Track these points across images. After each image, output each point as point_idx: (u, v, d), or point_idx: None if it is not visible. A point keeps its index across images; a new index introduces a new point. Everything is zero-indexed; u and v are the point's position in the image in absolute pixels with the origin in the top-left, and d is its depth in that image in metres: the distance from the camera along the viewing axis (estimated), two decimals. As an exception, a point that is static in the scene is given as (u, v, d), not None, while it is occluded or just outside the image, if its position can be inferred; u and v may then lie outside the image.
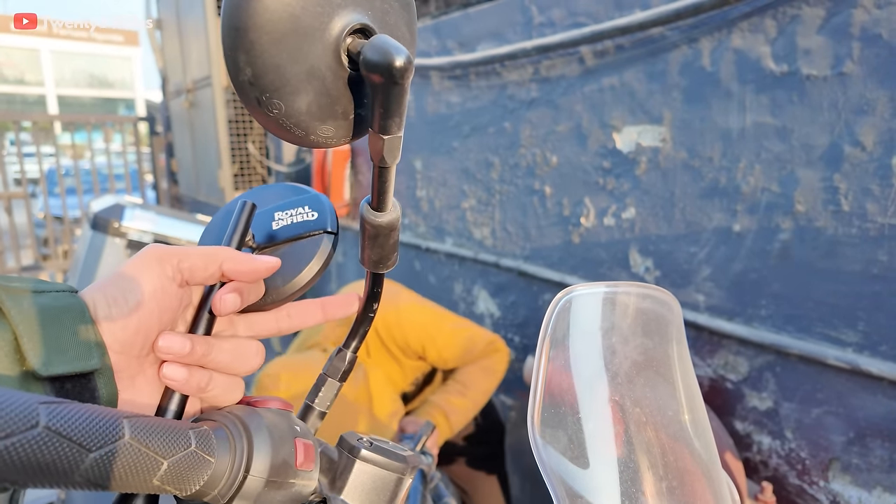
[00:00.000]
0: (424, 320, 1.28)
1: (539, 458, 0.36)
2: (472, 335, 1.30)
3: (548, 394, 0.39)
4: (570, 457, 0.38)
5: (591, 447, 0.39)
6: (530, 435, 0.37)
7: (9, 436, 0.24)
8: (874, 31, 1.00)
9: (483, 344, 1.29)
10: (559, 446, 0.38)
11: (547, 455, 0.37)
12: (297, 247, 0.42)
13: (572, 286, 0.43)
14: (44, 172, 7.21)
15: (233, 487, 0.33)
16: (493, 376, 1.25)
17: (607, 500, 0.38)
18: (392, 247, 0.39)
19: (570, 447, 0.38)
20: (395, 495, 0.41)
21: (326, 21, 0.29)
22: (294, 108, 0.30)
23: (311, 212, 0.43)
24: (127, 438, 0.29)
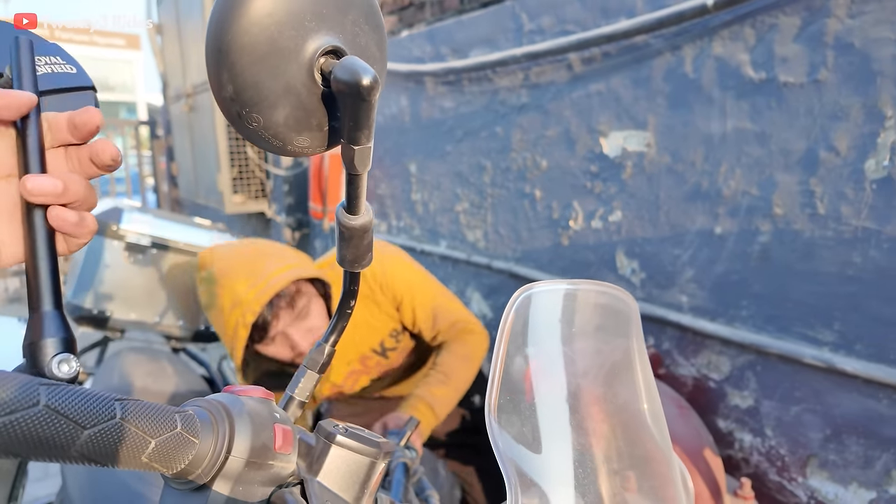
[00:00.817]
0: (412, 274, 1.30)
1: (494, 443, 0.39)
2: (450, 306, 1.30)
3: (505, 382, 0.42)
4: (524, 443, 0.41)
5: (545, 434, 0.42)
6: (487, 421, 0.40)
7: (12, 412, 0.27)
8: (847, 40, 1.03)
9: (458, 317, 1.29)
10: (514, 432, 0.41)
11: (502, 441, 0.40)
12: (69, 100, 0.42)
13: (533, 283, 0.46)
14: (45, 175, 7.23)
15: (215, 467, 0.36)
16: (473, 363, 1.26)
17: (558, 485, 0.41)
18: (366, 247, 0.43)
19: (524, 434, 0.41)
20: (367, 478, 0.44)
21: (301, 43, 0.32)
22: (272, 121, 0.33)
23: (67, 64, 0.43)
24: (118, 419, 0.32)
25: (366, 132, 0.34)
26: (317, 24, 0.32)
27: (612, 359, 0.50)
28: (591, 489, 0.43)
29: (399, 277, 1.26)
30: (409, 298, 1.26)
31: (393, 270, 1.26)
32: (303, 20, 0.31)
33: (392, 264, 1.28)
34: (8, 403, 0.27)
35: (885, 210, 1.01)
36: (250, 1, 0.30)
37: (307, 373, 0.48)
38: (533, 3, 1.62)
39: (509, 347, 0.43)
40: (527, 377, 0.43)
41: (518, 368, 0.43)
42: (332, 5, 0.33)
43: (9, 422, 0.26)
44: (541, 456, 0.41)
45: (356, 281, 0.47)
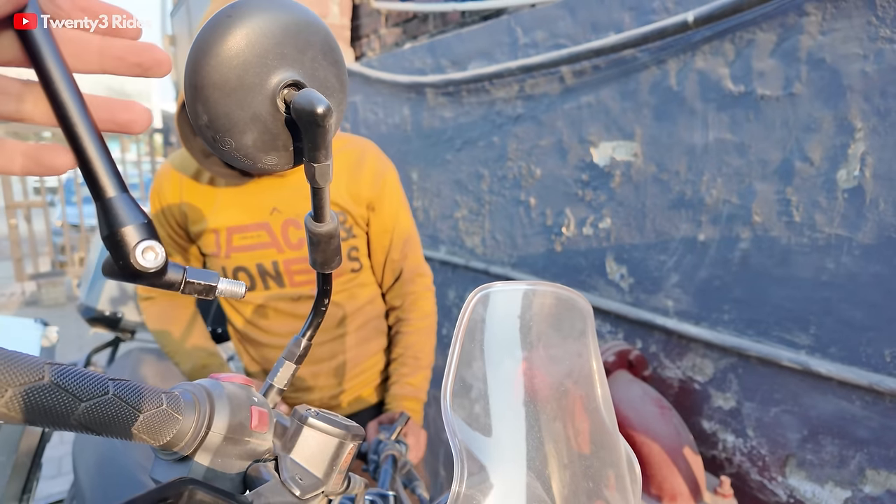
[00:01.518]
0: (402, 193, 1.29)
1: (449, 427, 0.45)
2: (418, 243, 1.32)
3: (461, 370, 0.47)
4: (475, 427, 0.46)
5: (496, 418, 0.47)
6: (443, 406, 0.46)
7: (23, 384, 0.33)
8: (819, 56, 1.08)
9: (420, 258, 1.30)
10: (465, 416, 0.46)
11: (457, 425, 0.45)
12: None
13: (492, 283, 0.51)
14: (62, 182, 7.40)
15: (196, 440, 0.42)
16: (432, 329, 1.30)
17: (507, 465, 0.46)
18: (334, 251, 0.49)
19: (476, 418, 0.46)
20: (336, 456, 0.50)
21: (265, 78, 0.38)
22: (242, 144, 0.39)
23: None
24: (111, 395, 0.38)
25: (323, 151, 0.40)
26: (278, 62, 0.38)
27: (566, 352, 0.55)
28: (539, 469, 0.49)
29: (395, 186, 1.26)
30: (394, 208, 1.25)
31: (393, 177, 1.26)
32: (265, 59, 0.37)
33: (393, 174, 1.26)
34: (19, 377, 0.33)
35: (856, 218, 1.06)
36: (220, 44, 0.36)
37: (285, 363, 0.54)
38: (527, 17, 1.68)
39: (465, 340, 0.48)
40: (481, 366, 0.49)
41: (473, 357, 0.48)
42: (291, 46, 0.39)
43: (20, 392, 0.32)
44: (491, 438, 0.46)
45: (328, 281, 0.53)
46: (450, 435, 0.45)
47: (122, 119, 0.34)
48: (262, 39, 0.37)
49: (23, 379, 0.33)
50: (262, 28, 0.37)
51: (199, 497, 0.38)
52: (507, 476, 0.47)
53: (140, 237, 0.34)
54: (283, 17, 0.38)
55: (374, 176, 1.22)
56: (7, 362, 0.32)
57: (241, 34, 0.37)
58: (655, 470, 1.15)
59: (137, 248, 0.34)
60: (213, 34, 0.36)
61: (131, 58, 0.34)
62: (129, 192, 0.33)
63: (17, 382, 0.32)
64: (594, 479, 0.53)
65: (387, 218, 1.24)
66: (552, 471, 0.50)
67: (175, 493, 0.37)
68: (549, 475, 0.50)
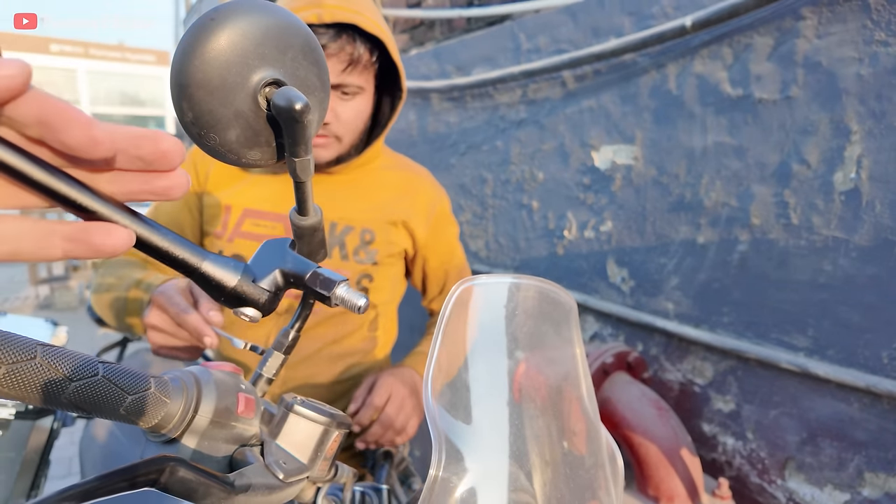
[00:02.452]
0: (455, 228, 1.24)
1: (430, 415, 0.46)
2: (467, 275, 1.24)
3: (444, 359, 0.49)
4: (456, 416, 0.48)
5: (477, 409, 0.48)
6: (424, 396, 0.47)
7: (14, 363, 0.35)
8: (815, 59, 1.09)
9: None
10: (446, 404, 0.48)
11: (439, 413, 0.47)
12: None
13: (476, 276, 0.53)
14: (76, 187, 7.46)
15: (184, 423, 0.44)
16: None
17: (487, 453, 0.48)
18: (318, 244, 0.50)
19: (457, 408, 0.48)
20: (321, 443, 0.51)
21: (246, 77, 0.40)
22: (226, 140, 0.41)
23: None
24: (100, 376, 0.39)
25: (303, 146, 0.42)
26: (259, 61, 0.40)
27: (550, 347, 0.56)
28: (522, 461, 0.50)
29: (451, 218, 1.23)
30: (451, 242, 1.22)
31: (449, 208, 1.22)
32: (247, 59, 0.39)
33: (448, 205, 1.23)
34: (11, 355, 0.34)
35: (853, 220, 1.06)
36: (203, 45, 0.38)
37: (274, 353, 0.55)
38: (530, 23, 1.70)
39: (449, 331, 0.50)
40: (463, 356, 0.50)
41: (456, 349, 0.50)
42: (272, 46, 0.40)
43: (11, 370, 0.34)
44: (470, 426, 0.47)
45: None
46: (430, 421, 0.46)
47: (159, 187, 0.31)
48: (244, 40, 0.39)
49: (15, 357, 0.34)
50: (244, 30, 0.39)
51: (181, 474, 0.39)
52: (486, 463, 0.49)
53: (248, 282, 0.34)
54: (265, 20, 0.40)
55: (429, 207, 1.17)
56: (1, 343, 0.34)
57: (223, 36, 0.38)
58: (653, 471, 1.16)
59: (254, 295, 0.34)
60: (197, 36, 0.38)
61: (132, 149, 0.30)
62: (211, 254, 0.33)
63: (10, 360, 0.34)
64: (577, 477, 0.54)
65: (443, 252, 1.21)
66: (534, 464, 0.52)
67: (156, 469, 0.38)
68: (532, 468, 0.51)
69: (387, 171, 1.16)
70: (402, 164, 1.21)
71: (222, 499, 0.42)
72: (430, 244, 1.19)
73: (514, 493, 0.50)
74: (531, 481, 0.51)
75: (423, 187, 1.18)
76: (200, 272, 0.32)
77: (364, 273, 1.11)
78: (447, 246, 1.22)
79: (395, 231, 1.14)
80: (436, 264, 1.21)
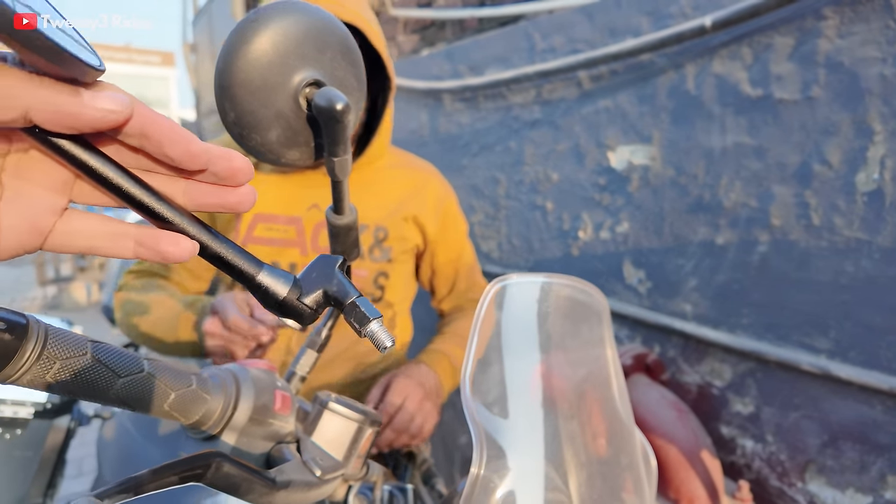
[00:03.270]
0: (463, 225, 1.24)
1: (468, 410, 0.46)
2: (478, 272, 1.26)
3: (481, 358, 0.48)
4: (494, 412, 0.47)
5: (512, 402, 0.48)
6: (462, 391, 0.47)
7: (68, 358, 0.35)
8: (837, 59, 1.08)
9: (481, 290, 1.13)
10: (485, 400, 0.47)
11: (476, 408, 0.47)
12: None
13: (510, 275, 0.53)
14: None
15: (223, 420, 0.44)
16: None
17: (524, 451, 0.47)
18: (352, 242, 0.51)
19: (495, 404, 0.48)
20: (356, 441, 0.51)
21: (288, 78, 0.40)
22: (267, 140, 0.41)
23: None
24: (146, 372, 0.39)
25: (342, 146, 0.42)
26: (300, 62, 0.40)
27: (582, 344, 0.56)
28: (557, 462, 0.49)
29: (459, 215, 1.22)
30: (459, 239, 1.21)
31: (457, 206, 1.22)
32: (287, 59, 0.39)
33: (456, 202, 1.22)
34: (65, 350, 0.35)
35: (875, 221, 1.05)
36: (246, 46, 0.38)
37: (307, 351, 0.56)
38: (545, 23, 1.70)
39: (484, 329, 0.49)
40: (500, 355, 0.50)
41: (493, 347, 0.50)
42: (311, 47, 0.40)
43: (65, 365, 0.34)
44: (507, 421, 0.47)
45: (348, 272, 0.55)
46: (469, 419, 0.46)
47: (229, 202, 0.32)
48: (285, 41, 0.39)
49: (68, 353, 0.34)
50: (285, 31, 0.39)
51: (226, 469, 0.39)
52: (524, 462, 0.48)
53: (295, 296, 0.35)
54: (304, 21, 0.40)
55: (438, 203, 1.17)
56: (55, 338, 0.34)
57: (265, 37, 0.39)
58: (673, 473, 1.15)
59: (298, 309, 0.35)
60: (240, 37, 0.38)
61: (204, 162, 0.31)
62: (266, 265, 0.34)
63: (64, 356, 0.34)
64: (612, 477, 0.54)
65: (452, 249, 1.20)
66: (569, 463, 0.51)
67: (203, 464, 0.38)
68: (566, 468, 0.51)
69: (394, 169, 1.16)
70: (409, 161, 1.21)
71: (264, 494, 0.42)
72: (440, 240, 1.18)
73: (550, 492, 0.50)
74: (565, 480, 0.51)
75: (432, 184, 1.18)
76: (256, 282, 0.33)
77: (381, 271, 1.10)
78: (456, 243, 1.21)
79: (407, 227, 1.13)
80: (444, 260, 1.20)
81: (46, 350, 0.33)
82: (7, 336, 0.31)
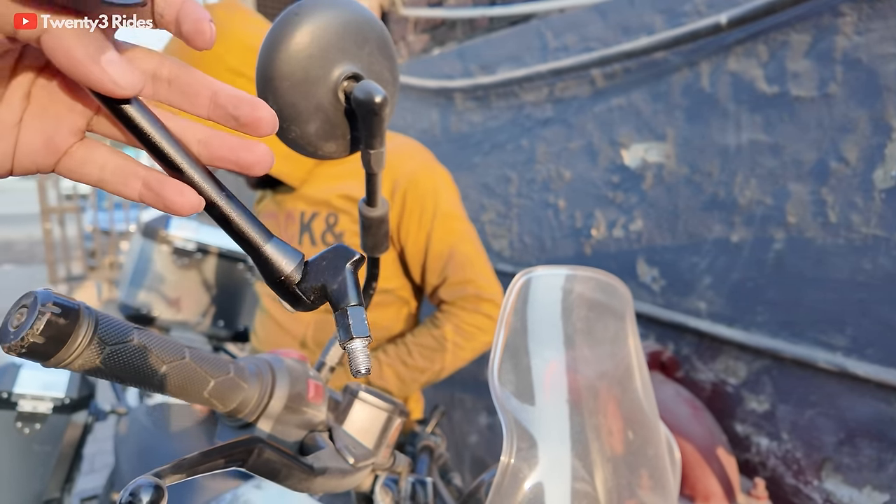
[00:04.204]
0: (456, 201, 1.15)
1: (496, 397, 0.46)
2: (475, 259, 1.12)
3: (508, 348, 0.49)
4: (521, 398, 0.48)
5: (538, 393, 0.49)
6: (490, 379, 0.47)
7: (117, 343, 0.35)
8: (854, 56, 1.08)
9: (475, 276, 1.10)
10: (512, 389, 0.48)
11: (503, 396, 0.47)
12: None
13: (535, 267, 0.53)
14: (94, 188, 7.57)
15: (259, 407, 0.45)
16: (459, 356, 1.08)
17: (550, 435, 0.48)
18: (383, 235, 0.51)
19: (521, 390, 0.48)
20: (385, 430, 0.52)
21: (328, 71, 0.41)
22: (306, 132, 0.42)
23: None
24: (187, 359, 0.40)
25: (379, 139, 0.43)
26: (339, 56, 0.41)
27: (606, 336, 0.56)
28: (581, 446, 0.50)
29: (432, 202, 1.10)
30: (425, 229, 1.09)
31: (428, 192, 1.10)
32: (328, 53, 0.40)
33: (442, 180, 1.14)
34: (112, 336, 0.35)
35: (893, 218, 1.05)
36: (288, 40, 0.39)
37: (336, 343, 0.56)
38: (557, 21, 1.70)
39: (512, 321, 0.50)
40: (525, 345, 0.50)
41: (519, 337, 0.50)
42: (351, 41, 0.41)
43: (114, 350, 0.35)
44: (534, 408, 0.48)
45: (377, 265, 0.56)
46: (499, 408, 0.47)
47: (245, 160, 0.31)
48: (325, 35, 0.40)
49: (116, 339, 0.35)
50: (326, 24, 0.40)
51: (267, 455, 0.40)
52: (552, 453, 0.49)
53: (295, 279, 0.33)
54: (344, 15, 0.41)
55: (394, 185, 1.10)
56: (105, 324, 0.35)
57: (306, 30, 0.39)
58: (688, 470, 1.15)
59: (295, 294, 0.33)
60: (282, 30, 0.39)
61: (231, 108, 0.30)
62: (275, 237, 0.33)
63: (112, 341, 0.35)
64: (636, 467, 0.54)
65: (420, 237, 1.10)
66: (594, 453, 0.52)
67: (246, 450, 0.39)
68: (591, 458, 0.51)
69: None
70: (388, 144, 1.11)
71: (302, 480, 0.42)
72: (402, 226, 1.08)
73: (576, 482, 0.50)
74: (590, 471, 0.51)
75: (393, 165, 1.09)
76: (261, 252, 0.31)
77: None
78: (423, 230, 1.09)
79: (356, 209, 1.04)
80: (413, 251, 1.10)
81: (97, 335, 0.34)
82: (62, 321, 0.32)
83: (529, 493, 0.46)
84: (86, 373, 0.35)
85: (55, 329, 0.32)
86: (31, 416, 1.24)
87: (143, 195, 0.30)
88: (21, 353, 0.32)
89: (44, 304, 0.32)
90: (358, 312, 0.32)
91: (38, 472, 1.27)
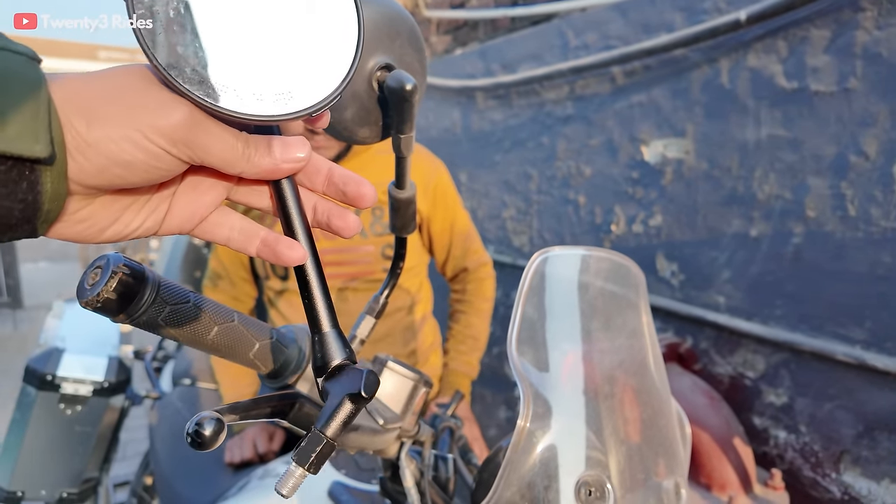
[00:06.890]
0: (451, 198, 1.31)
1: (514, 365, 0.50)
2: (475, 234, 1.36)
3: (525, 320, 0.52)
4: (536, 366, 0.51)
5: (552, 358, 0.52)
6: (508, 349, 0.51)
7: (175, 304, 0.40)
8: (875, 51, 1.09)
9: (479, 246, 1.35)
10: (529, 358, 0.51)
11: (521, 363, 0.50)
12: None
13: (552, 247, 0.56)
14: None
15: (298, 370, 0.49)
16: (490, 313, 1.35)
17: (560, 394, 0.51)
18: (411, 216, 0.55)
19: (537, 359, 0.51)
20: (411, 398, 0.56)
21: (364, 61, 0.44)
22: (342, 118, 0.46)
23: None
24: (236, 322, 0.44)
25: (409, 124, 0.47)
26: (375, 47, 0.45)
27: (620, 313, 0.59)
28: (594, 414, 0.53)
29: (447, 189, 1.29)
30: (449, 212, 1.29)
31: (449, 182, 1.30)
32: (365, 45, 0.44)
33: (448, 178, 1.31)
34: (173, 297, 0.39)
35: (913, 211, 1.06)
36: None
37: (366, 317, 0.60)
38: (578, 20, 1.72)
39: (529, 297, 0.53)
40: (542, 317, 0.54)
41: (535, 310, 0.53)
42: (384, 33, 0.45)
43: (173, 310, 0.39)
44: (548, 374, 0.51)
45: (404, 245, 0.60)
46: (516, 375, 0.50)
47: (335, 225, 0.36)
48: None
49: (176, 300, 0.39)
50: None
51: (306, 409, 0.44)
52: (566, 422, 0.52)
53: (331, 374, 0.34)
54: (379, 9, 0.45)
55: (426, 182, 1.24)
56: (166, 287, 0.39)
57: None
58: (705, 459, 1.17)
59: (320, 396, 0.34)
60: None
61: (341, 185, 0.36)
62: (338, 327, 0.34)
63: (173, 301, 0.39)
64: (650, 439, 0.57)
65: (445, 220, 1.28)
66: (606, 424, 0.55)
67: (289, 403, 0.43)
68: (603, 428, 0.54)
69: (384, 154, 1.23)
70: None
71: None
72: (432, 215, 1.27)
73: (589, 450, 0.54)
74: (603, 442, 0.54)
75: (420, 166, 1.25)
76: (320, 331, 0.33)
77: (386, 244, 1.21)
78: (447, 215, 1.29)
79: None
80: (438, 230, 1.29)
81: (160, 295, 0.38)
82: (131, 280, 0.36)
83: (544, 454, 0.50)
84: (148, 329, 0.39)
85: (125, 287, 0.36)
86: (73, 398, 1.31)
87: (260, 251, 0.35)
88: (96, 307, 0.36)
89: (116, 265, 0.36)
90: (315, 440, 0.32)
91: (78, 451, 1.33)
